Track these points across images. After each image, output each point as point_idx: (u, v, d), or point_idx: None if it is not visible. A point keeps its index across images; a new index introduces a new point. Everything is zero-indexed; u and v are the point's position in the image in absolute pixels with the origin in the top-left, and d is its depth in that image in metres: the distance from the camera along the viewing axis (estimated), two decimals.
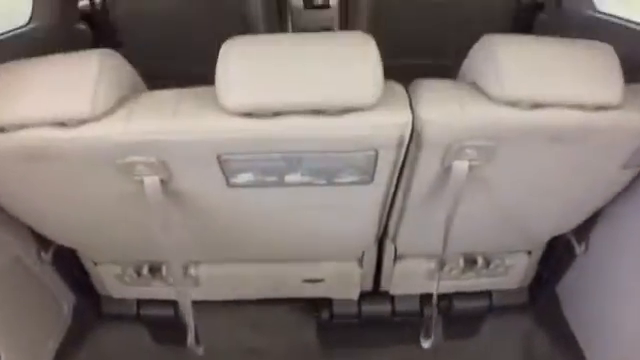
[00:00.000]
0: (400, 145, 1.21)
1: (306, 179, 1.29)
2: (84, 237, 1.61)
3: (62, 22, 2.05)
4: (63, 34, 2.06)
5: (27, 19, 1.97)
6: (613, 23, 1.86)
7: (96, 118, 1.13)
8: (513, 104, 1.16)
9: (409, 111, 1.17)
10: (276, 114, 1.13)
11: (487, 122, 1.19)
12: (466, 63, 1.30)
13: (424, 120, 1.18)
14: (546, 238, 1.74)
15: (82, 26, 2.17)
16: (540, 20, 2.22)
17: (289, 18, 3.24)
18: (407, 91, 1.23)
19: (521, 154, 1.27)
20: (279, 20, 3.14)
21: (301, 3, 3.90)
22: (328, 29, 3.91)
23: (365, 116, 1.14)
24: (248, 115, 1.13)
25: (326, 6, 3.96)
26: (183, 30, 2.19)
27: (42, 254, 1.66)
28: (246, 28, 2.24)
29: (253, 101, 1.11)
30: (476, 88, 1.21)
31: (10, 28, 1.89)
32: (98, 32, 2.23)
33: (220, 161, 1.22)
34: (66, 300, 1.82)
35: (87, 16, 2.19)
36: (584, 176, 1.38)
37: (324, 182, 1.30)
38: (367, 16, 2.37)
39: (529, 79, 1.13)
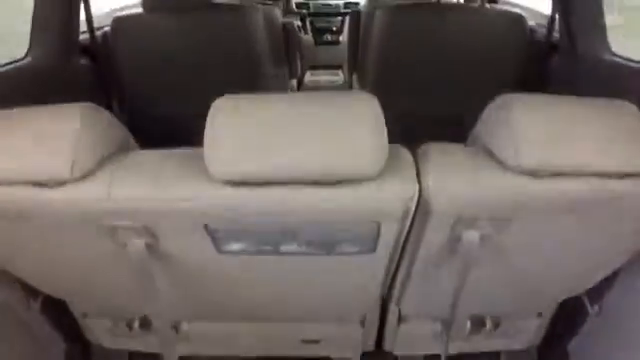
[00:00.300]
0: (405, 217, 1.11)
1: (303, 249, 1.19)
2: (72, 291, 1.54)
3: (61, 56, 1.99)
4: (63, 68, 2.01)
5: (24, 52, 1.92)
6: (629, 67, 1.79)
7: (75, 180, 1.06)
8: (530, 174, 1.06)
9: (415, 182, 1.08)
10: (269, 184, 1.04)
11: (502, 194, 1.09)
12: (479, 125, 1.20)
13: (432, 191, 1.08)
14: (558, 300, 1.64)
15: (82, 60, 2.12)
16: (554, 62, 2.14)
17: (297, 56, 3.19)
18: (414, 156, 1.14)
19: (536, 224, 1.17)
20: (287, 58, 3.09)
21: (312, 40, 3.91)
22: (338, 65, 3.91)
23: (367, 187, 1.05)
24: (238, 184, 1.04)
25: (336, 42, 3.97)
26: (185, 66, 2.14)
27: (31, 301, 1.59)
28: (251, 66, 2.18)
29: (243, 170, 1.01)
30: (490, 155, 1.11)
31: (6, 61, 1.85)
32: (99, 65, 2.18)
33: (208, 230, 1.13)
34: (56, 348, 1.74)
35: (87, 49, 2.15)
36: (600, 242, 1.28)
37: (323, 252, 1.21)
38: (377, 54, 2.30)
39: (548, 147, 1.03)
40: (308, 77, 3.81)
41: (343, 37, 3.83)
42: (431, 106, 2.23)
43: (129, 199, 1.08)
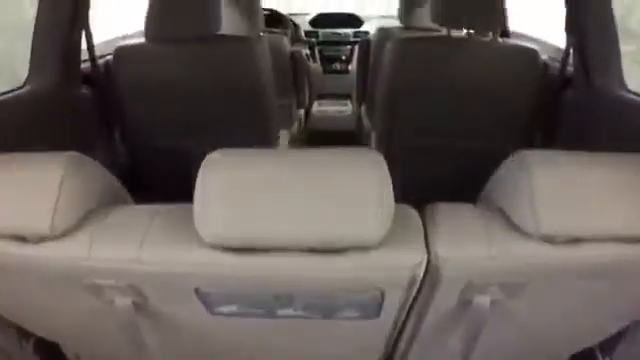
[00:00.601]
0: (412, 284, 1.03)
1: (300, 313, 1.11)
2: (63, 335, 1.48)
3: (62, 85, 1.93)
4: (63, 97, 1.95)
5: (23, 81, 1.87)
6: None
7: (57, 237, 1.00)
8: (549, 240, 0.98)
9: (424, 249, 1.00)
10: (264, 250, 0.97)
11: (516, 260, 1.01)
12: (493, 183, 1.13)
13: (442, 258, 1.00)
14: (570, 353, 1.56)
15: (84, 90, 2.07)
16: (568, 97, 2.08)
17: (305, 85, 3.15)
18: (422, 216, 1.06)
19: (551, 288, 1.10)
20: (295, 87, 3.05)
21: (320, 68, 3.87)
22: (347, 95, 3.87)
23: (370, 256, 0.97)
24: (230, 249, 0.97)
25: (345, 71, 3.93)
26: (188, 97, 2.08)
27: (24, 342, 1.52)
28: (256, 97, 2.12)
29: (236, 235, 0.94)
30: (504, 217, 1.04)
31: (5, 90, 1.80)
32: (100, 95, 2.13)
33: (199, 293, 1.06)
34: None
35: (89, 78, 2.10)
36: (616, 302, 1.21)
37: (321, 316, 1.13)
38: (387, 85, 2.24)
39: (569, 212, 0.96)
40: (316, 107, 3.76)
41: (352, 66, 3.78)
42: (441, 140, 2.18)
43: (111, 260, 1.01)
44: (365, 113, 3.13)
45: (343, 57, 3.85)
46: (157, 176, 2.31)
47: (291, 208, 0.92)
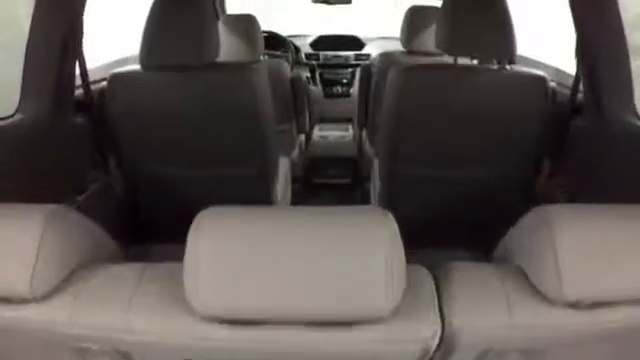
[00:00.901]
0: (424, 356, 0.95)
1: None
2: None
3: (55, 112, 1.86)
4: (56, 126, 1.88)
5: (14, 109, 1.81)
6: None
7: (37, 300, 0.93)
8: (573, 306, 0.91)
9: (438, 318, 0.92)
10: (260, 323, 0.88)
11: (539, 328, 0.94)
12: (511, 238, 1.07)
13: (458, 328, 0.93)
14: None
15: (77, 117, 2.00)
16: (578, 125, 2.01)
17: (306, 110, 3.08)
18: (435, 279, 0.99)
19: (574, 352, 1.03)
20: (295, 112, 2.98)
21: (321, 92, 3.80)
22: (348, 119, 3.80)
23: (380, 329, 0.89)
24: (224, 322, 0.89)
25: (346, 95, 3.86)
26: (184, 125, 2.01)
27: None
28: (255, 124, 2.05)
29: (230, 307, 0.86)
30: (524, 278, 0.97)
31: None
32: (94, 123, 2.06)
33: None
34: None
35: (82, 106, 2.03)
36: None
37: None
38: (390, 113, 2.16)
39: (595, 275, 0.89)
40: (316, 132, 3.69)
41: (353, 89, 3.71)
42: (446, 168, 2.11)
43: (95, 327, 0.94)
44: (367, 139, 3.06)
45: (344, 80, 3.77)
46: (154, 205, 2.23)
47: (291, 277, 0.84)
